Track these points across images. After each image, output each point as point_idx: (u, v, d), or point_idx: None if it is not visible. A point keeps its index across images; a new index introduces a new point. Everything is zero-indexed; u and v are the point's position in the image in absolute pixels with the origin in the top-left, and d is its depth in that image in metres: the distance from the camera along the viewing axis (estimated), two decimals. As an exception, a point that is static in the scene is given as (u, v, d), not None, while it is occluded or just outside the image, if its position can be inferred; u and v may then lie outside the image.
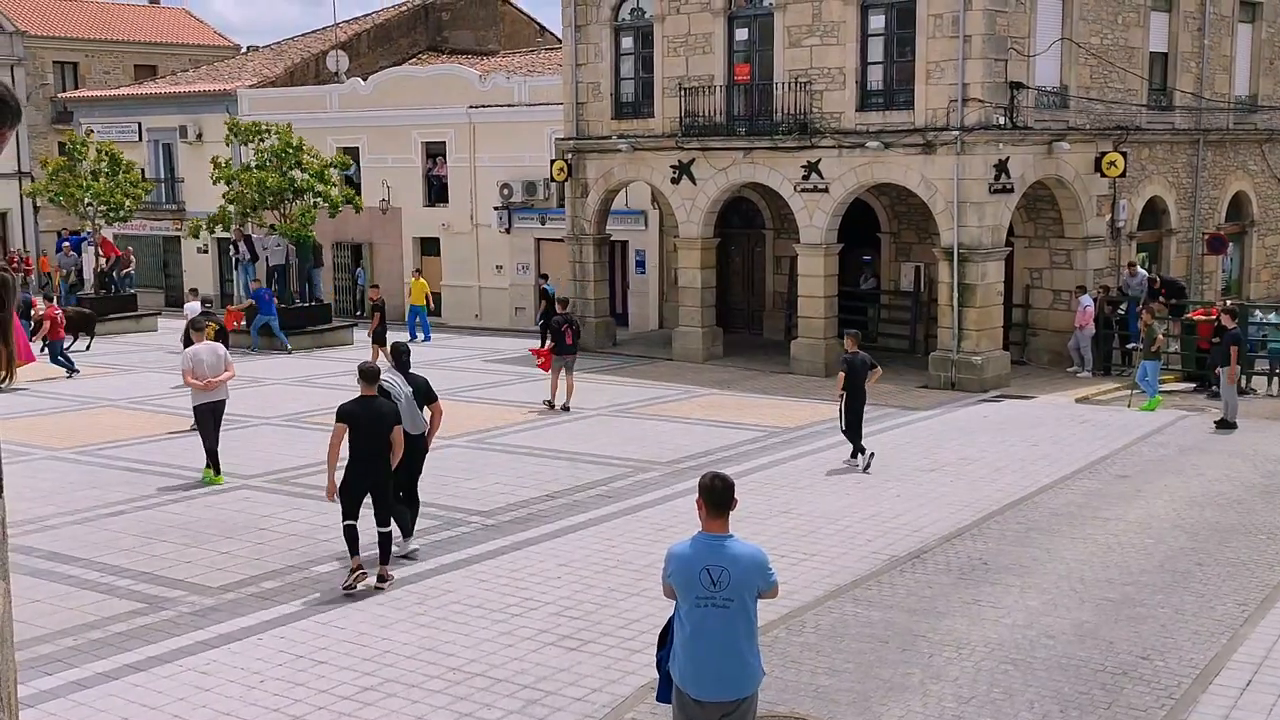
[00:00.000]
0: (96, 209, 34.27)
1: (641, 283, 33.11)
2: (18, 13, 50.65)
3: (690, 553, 6.61)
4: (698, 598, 6.51)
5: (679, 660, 6.63)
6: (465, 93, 35.22)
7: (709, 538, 6.62)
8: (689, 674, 6.58)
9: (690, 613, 6.54)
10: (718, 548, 6.58)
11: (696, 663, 6.55)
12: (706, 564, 6.52)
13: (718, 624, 6.51)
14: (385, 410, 11.73)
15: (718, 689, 6.55)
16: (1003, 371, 23.95)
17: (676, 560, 6.65)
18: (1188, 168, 28.64)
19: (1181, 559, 12.57)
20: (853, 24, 24.51)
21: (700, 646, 6.54)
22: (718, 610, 6.50)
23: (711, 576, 6.50)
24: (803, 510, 14.51)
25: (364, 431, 11.52)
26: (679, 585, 6.61)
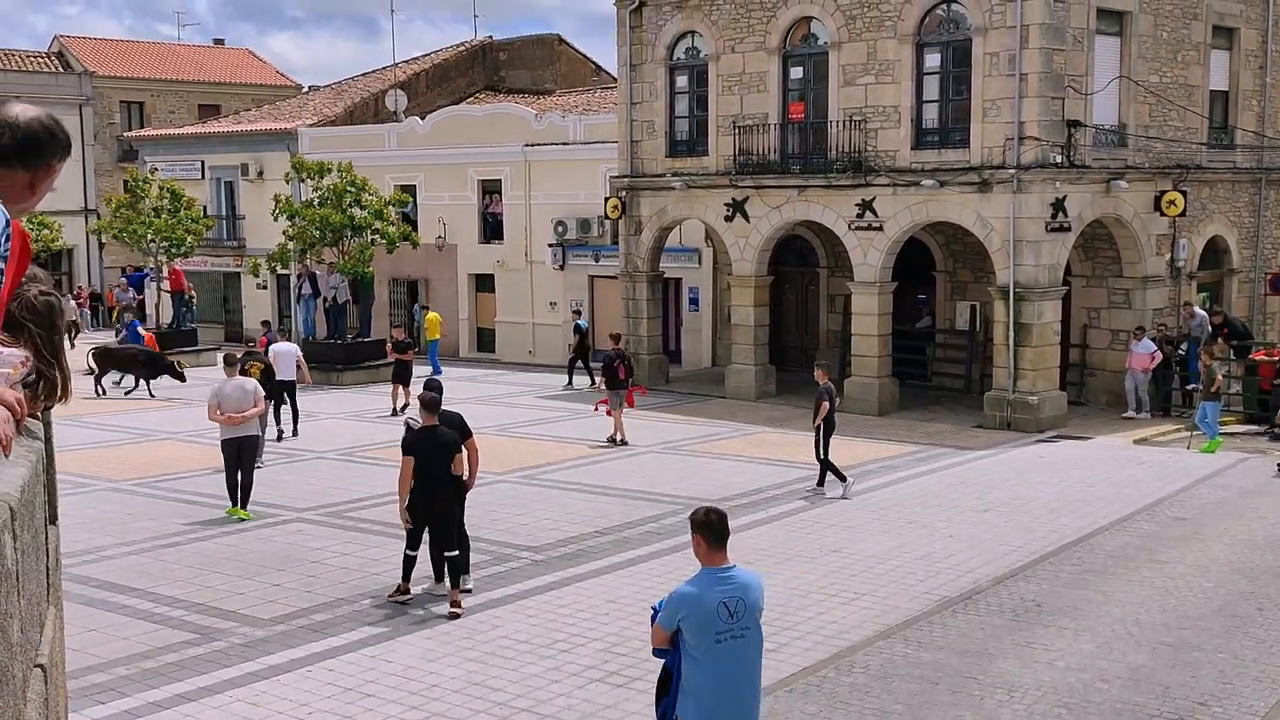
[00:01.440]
0: (158, 245, 34.87)
1: (695, 320, 33.12)
2: (87, 54, 51.85)
3: (701, 591, 6.49)
4: (718, 634, 6.41)
5: (695, 705, 6.47)
6: (521, 131, 35.54)
7: (715, 571, 6.55)
8: (703, 711, 6.45)
9: (710, 651, 6.41)
10: (727, 579, 6.52)
11: (714, 697, 6.44)
12: (722, 598, 6.44)
13: (739, 656, 6.47)
14: (446, 439, 11.99)
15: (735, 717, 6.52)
16: (1059, 412, 23.68)
17: (689, 602, 6.48)
18: (1250, 207, 28.28)
19: (1241, 603, 12.33)
20: (908, 62, 24.49)
21: (725, 683, 6.44)
22: (737, 641, 6.45)
23: (729, 609, 6.44)
24: (853, 549, 14.39)
25: (425, 461, 11.80)
26: (695, 627, 6.44)
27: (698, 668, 6.45)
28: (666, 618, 6.58)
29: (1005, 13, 22.97)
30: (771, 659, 10.65)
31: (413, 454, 11.89)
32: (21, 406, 3.94)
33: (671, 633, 6.55)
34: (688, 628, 6.47)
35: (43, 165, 3.09)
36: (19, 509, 3.43)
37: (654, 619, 6.72)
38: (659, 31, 28.46)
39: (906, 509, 16.64)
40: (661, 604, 6.71)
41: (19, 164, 3.04)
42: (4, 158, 3.01)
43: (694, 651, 6.45)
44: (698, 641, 6.44)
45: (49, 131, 3.06)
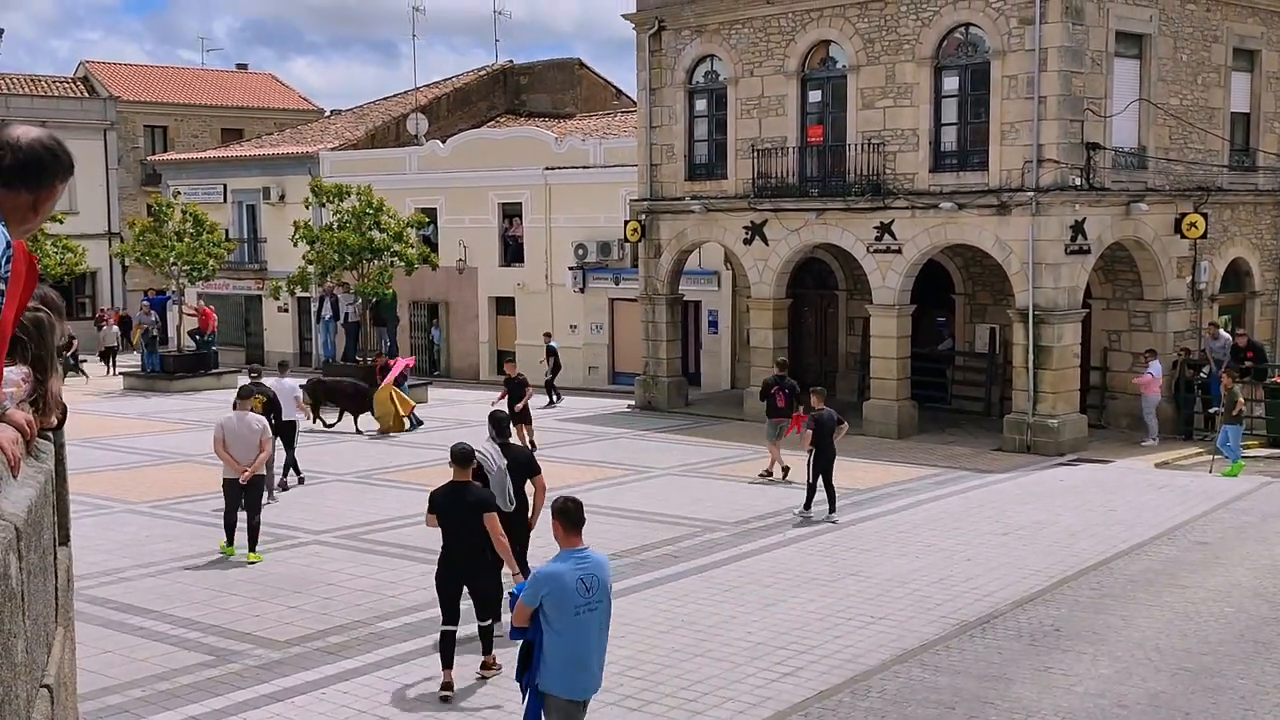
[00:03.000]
0: (180, 269, 35.09)
1: (714, 342, 33.11)
2: (111, 79, 52.32)
3: (563, 569, 7.47)
4: (576, 607, 7.40)
5: (556, 672, 7.43)
6: (541, 154, 35.68)
7: (573, 552, 7.55)
8: (571, 680, 7.47)
9: (570, 622, 7.38)
10: (583, 559, 7.54)
11: (579, 666, 7.47)
12: (580, 575, 7.45)
13: (593, 626, 7.50)
14: (476, 498, 10.44)
15: (594, 684, 7.63)
16: (1079, 435, 23.55)
17: (551, 579, 7.44)
18: (1272, 229, 28.14)
19: (1263, 629, 12.21)
20: (926, 85, 24.51)
21: (583, 650, 7.47)
22: (591, 614, 7.48)
23: (585, 585, 7.44)
24: (871, 573, 14.33)
25: (454, 523, 10.34)
26: (556, 602, 7.39)
27: (559, 638, 7.41)
28: (531, 595, 7.50)
29: (1024, 36, 22.97)
30: (788, 682, 10.63)
31: (436, 513, 10.45)
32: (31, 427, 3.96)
33: (533, 610, 7.46)
34: (550, 603, 7.41)
35: (45, 186, 3.11)
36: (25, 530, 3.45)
37: (512, 603, 7.70)
38: (678, 55, 28.57)
39: (925, 532, 16.56)
40: (519, 587, 7.85)
41: (22, 185, 3.06)
42: (7, 179, 3.04)
43: (555, 624, 7.41)
44: (559, 614, 7.39)
45: (51, 153, 3.08)
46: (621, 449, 23.97)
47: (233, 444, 14.66)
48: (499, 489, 11.26)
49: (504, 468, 11.46)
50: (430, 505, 10.55)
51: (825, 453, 17.27)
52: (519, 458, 11.82)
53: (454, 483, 10.52)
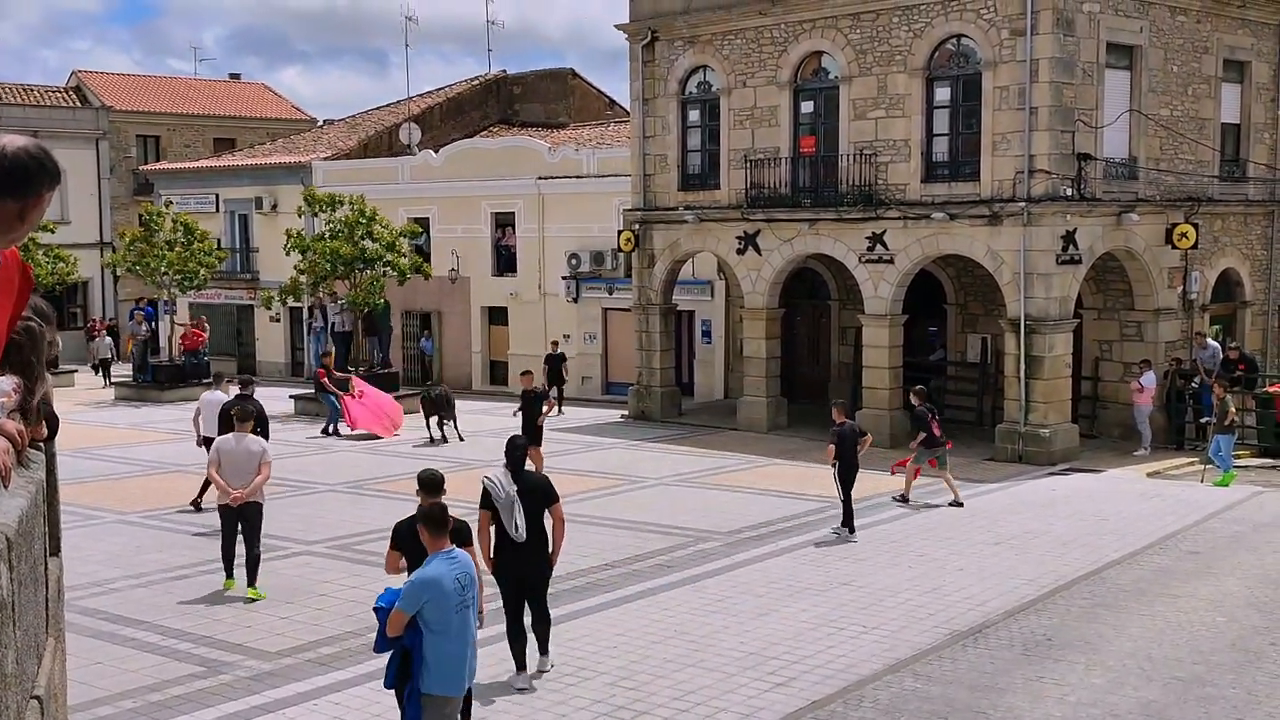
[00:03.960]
0: (172, 278, 35.05)
1: (707, 352, 33.14)
2: (104, 89, 52.31)
3: (442, 571, 7.74)
4: (454, 606, 7.69)
5: (441, 672, 7.66)
6: (535, 164, 35.72)
7: (444, 554, 7.85)
8: (451, 677, 7.72)
9: (449, 623, 7.67)
10: (453, 559, 7.87)
11: (458, 662, 7.74)
12: (454, 575, 7.76)
13: (469, 621, 7.86)
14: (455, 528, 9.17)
15: (471, 677, 7.95)
16: (1071, 445, 23.60)
17: (434, 584, 7.67)
18: (1262, 239, 28.23)
19: (1254, 638, 12.23)
20: (918, 96, 24.58)
21: (461, 646, 7.76)
22: (466, 610, 7.80)
23: (460, 583, 7.77)
24: (863, 583, 14.33)
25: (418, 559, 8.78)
26: (436, 603, 7.62)
27: (439, 639, 7.66)
28: (411, 601, 7.66)
29: (1015, 47, 23.05)
30: (780, 693, 10.62)
31: (400, 549, 9.43)
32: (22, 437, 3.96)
33: (410, 617, 7.65)
34: (431, 606, 7.63)
35: (32, 195, 3.10)
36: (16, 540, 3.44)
37: (382, 614, 7.80)
38: (671, 66, 28.62)
39: (917, 542, 16.57)
40: (383, 599, 7.90)
41: (8, 194, 3.05)
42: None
43: (435, 626, 7.64)
44: (440, 615, 7.64)
45: (37, 161, 3.08)
46: (615, 459, 23.97)
47: (228, 466, 13.69)
48: (508, 519, 10.46)
49: (512, 494, 10.49)
50: (394, 540, 9.50)
51: (848, 466, 16.88)
52: (533, 485, 10.71)
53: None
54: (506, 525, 10.48)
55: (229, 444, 13.87)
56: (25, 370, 3.44)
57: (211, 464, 13.93)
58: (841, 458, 16.88)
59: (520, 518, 10.49)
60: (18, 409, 3.56)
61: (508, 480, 10.62)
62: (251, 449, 13.81)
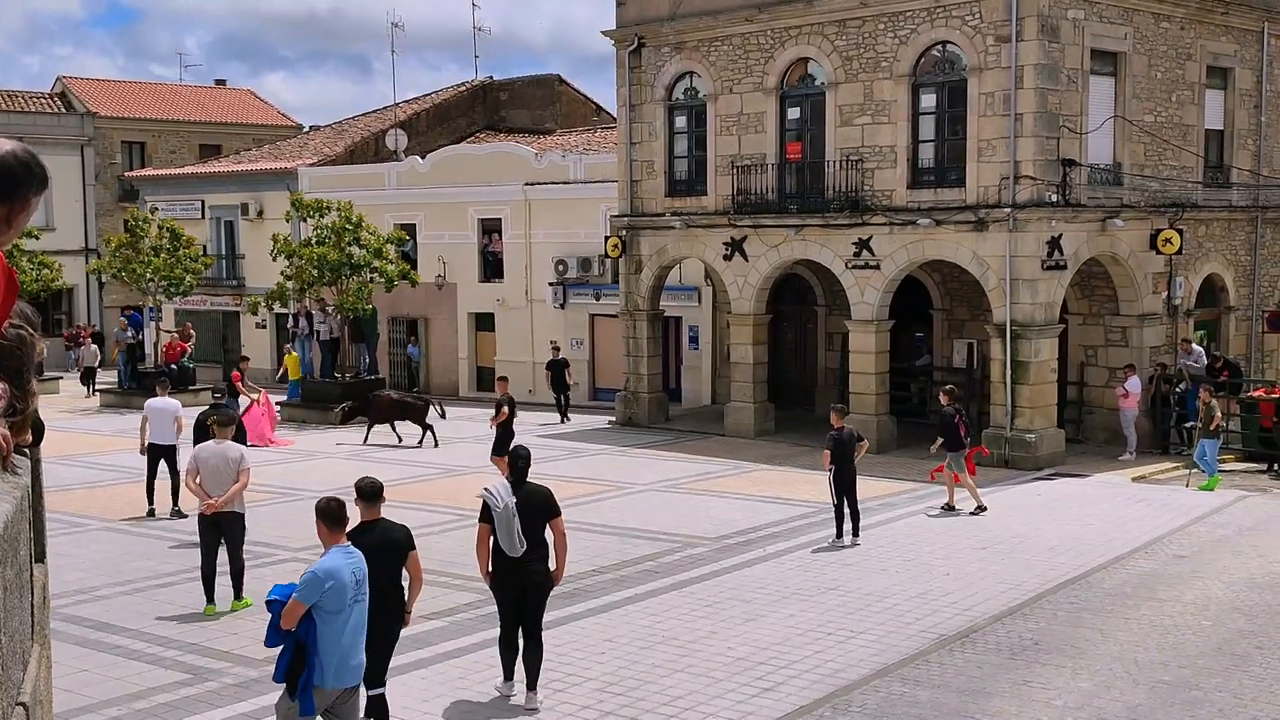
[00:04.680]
0: (157, 285, 34.96)
1: (694, 358, 33.16)
2: (89, 95, 52.17)
3: (340, 564, 7.93)
4: (349, 599, 7.85)
5: (333, 664, 7.80)
6: (521, 170, 35.71)
7: (341, 548, 8.07)
8: (346, 670, 7.88)
9: (344, 616, 7.82)
10: (350, 553, 8.09)
11: (352, 656, 7.92)
12: (351, 568, 7.95)
13: (363, 616, 8.02)
14: (393, 537, 9.33)
15: (354, 674, 8.01)
16: (1057, 449, 23.66)
17: (332, 575, 7.84)
18: (1246, 245, 28.36)
19: (1240, 642, 12.27)
20: (904, 102, 24.65)
21: (355, 637, 7.94)
22: (361, 604, 7.98)
23: (356, 577, 7.95)
24: (850, 587, 14.35)
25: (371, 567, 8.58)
26: (335, 596, 7.79)
27: (334, 632, 7.80)
28: (309, 593, 7.79)
29: (1000, 53, 23.14)
30: (768, 698, 10.62)
31: None
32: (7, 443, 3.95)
33: (306, 609, 7.78)
34: (328, 598, 7.78)
35: (18, 199, 3.09)
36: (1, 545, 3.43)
37: (276, 606, 7.90)
38: (658, 72, 28.66)
39: (904, 547, 16.60)
40: (276, 592, 8.00)
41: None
42: None
43: (330, 619, 7.79)
44: (337, 607, 7.80)
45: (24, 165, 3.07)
46: (602, 465, 23.97)
47: (206, 474, 13.29)
48: (505, 531, 10.15)
49: (511, 506, 10.18)
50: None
51: (845, 473, 16.75)
52: (534, 497, 10.37)
53: (363, 523, 9.24)
54: (503, 539, 10.17)
55: (207, 451, 13.48)
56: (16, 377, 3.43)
57: (189, 473, 13.48)
58: (838, 463, 16.75)
59: (519, 531, 10.17)
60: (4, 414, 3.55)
61: (507, 492, 10.33)
62: (230, 456, 13.42)
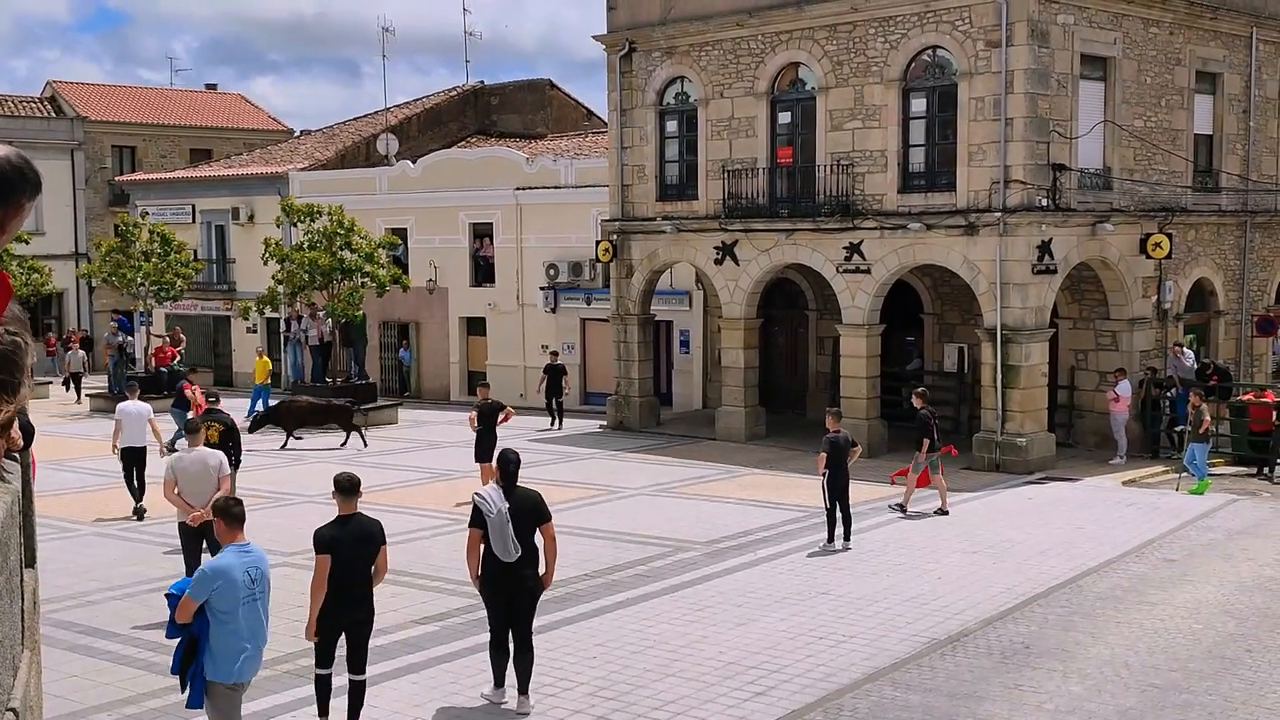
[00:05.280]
0: (148, 289, 34.89)
1: (685, 362, 33.16)
2: (79, 99, 52.06)
3: (232, 563, 8.21)
4: (242, 597, 8.10)
5: (223, 660, 8.07)
6: (512, 175, 35.71)
7: (238, 547, 8.34)
8: (234, 666, 8.11)
9: (235, 613, 8.06)
10: (246, 552, 8.36)
11: (243, 653, 8.13)
12: (245, 567, 8.20)
13: (257, 614, 8.22)
14: (370, 531, 9.74)
15: (255, 667, 8.30)
16: (1048, 453, 23.71)
17: (222, 574, 8.13)
18: (1235, 249, 28.45)
19: (1230, 645, 12.31)
20: (894, 107, 24.69)
21: (247, 637, 8.13)
22: (255, 603, 8.20)
23: (250, 577, 8.20)
24: (842, 591, 14.36)
25: (344, 559, 9.54)
26: (225, 594, 8.06)
27: (225, 628, 8.06)
28: (201, 590, 8.09)
29: (990, 58, 23.20)
30: (759, 702, 10.63)
31: (329, 552, 9.53)
32: None
33: (199, 605, 8.06)
34: (219, 595, 8.05)
35: (12, 204, 3.09)
36: (-8, 550, 3.43)
37: (173, 600, 8.20)
38: (649, 77, 28.69)
39: (895, 551, 16.62)
40: (175, 587, 8.34)
41: None
42: None
43: (222, 616, 8.06)
44: (227, 605, 8.06)
45: (17, 170, 3.07)
46: (593, 469, 23.97)
47: (185, 485, 12.97)
48: (499, 536, 10.13)
49: (504, 511, 10.16)
50: (318, 546, 9.57)
51: (839, 477, 16.69)
52: (525, 502, 10.34)
53: (341, 516, 9.71)
54: (496, 544, 10.13)
55: (184, 461, 13.17)
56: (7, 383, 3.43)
57: (168, 484, 13.06)
58: (832, 467, 16.70)
59: (513, 536, 10.15)
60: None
61: (500, 497, 10.27)
62: (208, 463, 13.13)
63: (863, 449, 18.75)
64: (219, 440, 15.83)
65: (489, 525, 10.17)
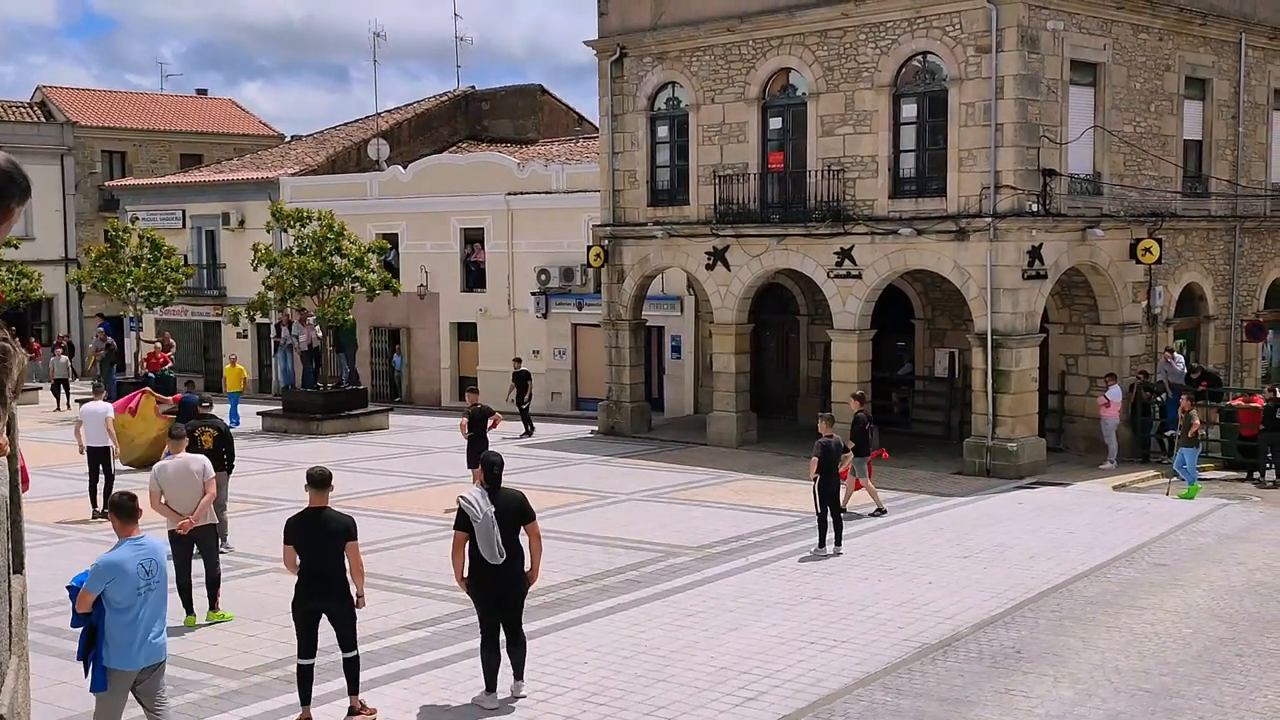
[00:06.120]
0: (138, 295, 34.82)
1: (677, 367, 33.18)
2: (69, 104, 51.97)
3: (125, 556, 8.50)
4: (137, 588, 8.41)
5: (121, 648, 8.38)
6: (504, 180, 35.71)
7: (132, 540, 8.63)
8: (130, 653, 8.41)
9: (132, 604, 8.38)
10: (140, 545, 8.63)
11: (141, 641, 8.43)
12: (139, 560, 8.49)
13: (154, 604, 8.54)
14: (336, 525, 10.03)
15: (153, 654, 8.55)
16: (1038, 458, 23.74)
17: (114, 567, 8.43)
18: (1225, 254, 28.53)
19: (1220, 649, 12.32)
20: (885, 113, 24.73)
21: (143, 625, 8.44)
22: (152, 593, 8.51)
23: (145, 569, 8.49)
24: (833, 596, 14.36)
25: (311, 549, 9.98)
26: (119, 585, 8.36)
27: (120, 618, 8.37)
28: (95, 583, 8.38)
29: (980, 64, 23.24)
30: (750, 707, 10.62)
31: (292, 542, 10.05)
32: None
33: (96, 597, 8.35)
34: (115, 587, 8.36)
35: (2, 209, 3.09)
36: (-21, 556, 3.41)
37: (73, 592, 8.51)
38: (640, 82, 28.70)
39: (886, 556, 16.62)
40: (76, 579, 8.58)
41: None
42: None
43: (118, 606, 8.36)
44: (122, 597, 8.35)
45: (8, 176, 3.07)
46: (585, 474, 23.95)
47: (171, 493, 12.87)
48: (485, 539, 10.24)
49: (490, 515, 10.27)
50: (287, 536, 10.06)
51: (830, 482, 16.68)
52: (509, 503, 10.44)
53: (310, 509, 10.12)
54: (483, 547, 10.22)
55: (168, 470, 13.03)
56: None
57: (153, 495, 12.83)
58: (824, 472, 16.69)
59: (499, 540, 10.26)
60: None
61: (485, 500, 10.36)
62: (192, 469, 13.06)
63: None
64: (213, 445, 15.93)
65: (475, 529, 10.29)
